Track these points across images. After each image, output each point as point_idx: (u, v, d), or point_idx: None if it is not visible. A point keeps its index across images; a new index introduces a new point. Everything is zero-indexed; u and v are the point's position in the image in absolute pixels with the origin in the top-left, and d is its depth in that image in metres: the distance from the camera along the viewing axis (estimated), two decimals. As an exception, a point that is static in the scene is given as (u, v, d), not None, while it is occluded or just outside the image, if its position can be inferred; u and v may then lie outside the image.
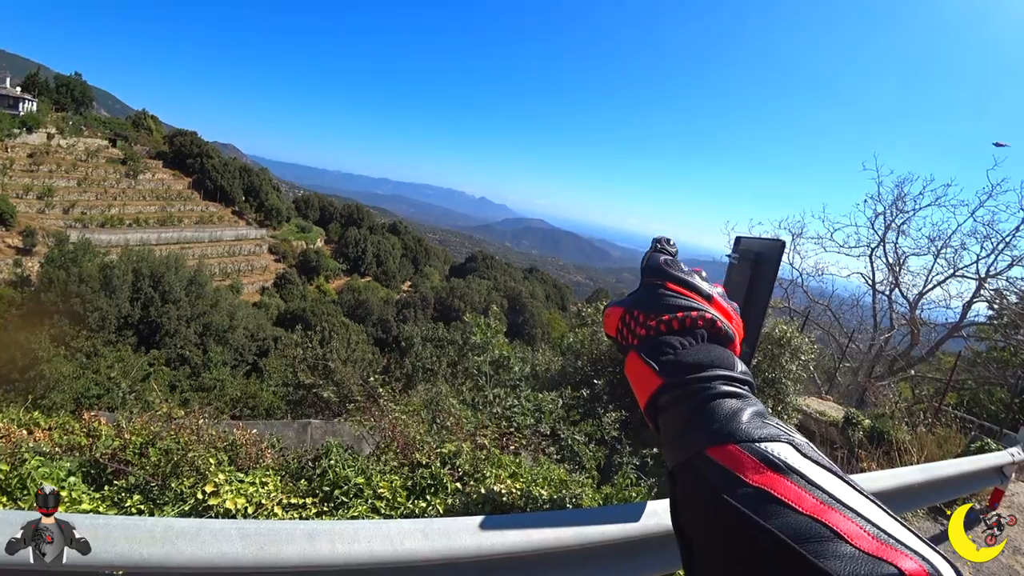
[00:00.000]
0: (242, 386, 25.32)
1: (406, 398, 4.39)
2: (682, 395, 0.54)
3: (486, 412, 4.20)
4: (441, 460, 2.95)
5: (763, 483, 0.43)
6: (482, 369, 5.18)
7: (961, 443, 7.56)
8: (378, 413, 3.54)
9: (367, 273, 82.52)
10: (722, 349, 0.58)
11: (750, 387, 0.55)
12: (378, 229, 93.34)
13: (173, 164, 74.04)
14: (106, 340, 31.19)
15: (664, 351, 0.57)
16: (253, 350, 38.56)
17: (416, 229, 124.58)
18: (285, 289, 66.55)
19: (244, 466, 3.35)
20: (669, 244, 0.69)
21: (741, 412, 0.50)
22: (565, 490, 2.87)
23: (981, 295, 15.12)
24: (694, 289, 0.61)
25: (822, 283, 17.60)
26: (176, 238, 62.09)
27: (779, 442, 0.46)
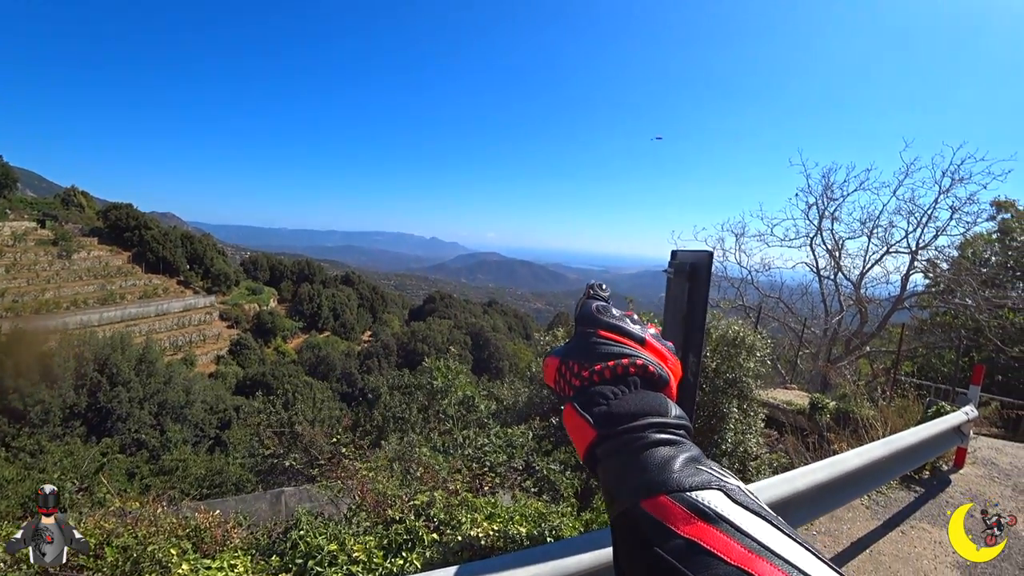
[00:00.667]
0: (206, 463, 24.09)
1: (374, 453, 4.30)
2: (616, 446, 0.54)
3: (457, 455, 4.15)
4: (415, 512, 2.89)
5: (693, 534, 0.43)
6: (448, 412, 5.11)
7: (919, 410, 7.86)
8: (345, 473, 3.45)
9: (325, 328, 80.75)
10: (655, 395, 0.58)
11: (686, 431, 0.56)
12: (331, 282, 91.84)
13: (110, 240, 71.20)
14: (52, 435, 29.25)
15: (597, 402, 0.57)
16: (214, 423, 36.94)
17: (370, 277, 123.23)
18: (242, 355, 64.30)
19: (210, 551, 3.19)
20: (602, 289, 0.69)
21: (673, 460, 0.50)
22: (544, 523, 2.85)
23: (916, 267, 16.09)
24: (626, 334, 0.62)
25: (771, 277, 18.32)
26: (120, 316, 59.35)
27: (710, 489, 0.47)
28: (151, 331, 57.30)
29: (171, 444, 30.44)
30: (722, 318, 6.70)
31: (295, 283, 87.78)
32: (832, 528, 5.16)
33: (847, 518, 5.40)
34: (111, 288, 64.01)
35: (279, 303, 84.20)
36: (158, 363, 38.23)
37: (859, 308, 16.68)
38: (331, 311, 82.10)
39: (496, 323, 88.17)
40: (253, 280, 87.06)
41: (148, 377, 35.84)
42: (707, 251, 2.35)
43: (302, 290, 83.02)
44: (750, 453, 6.38)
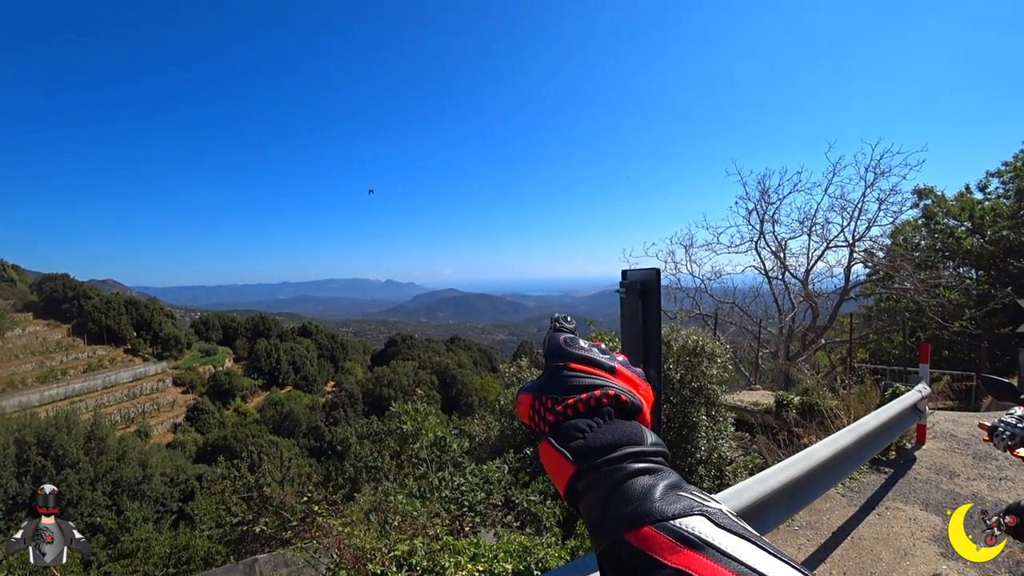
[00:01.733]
0: (171, 539, 22.59)
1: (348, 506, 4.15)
2: (595, 480, 0.54)
3: (435, 498, 4.05)
4: (396, 564, 2.79)
5: (680, 563, 0.43)
6: (420, 456, 5.00)
7: (878, 394, 8.16)
8: (319, 532, 3.30)
9: (286, 383, 78.07)
10: (630, 424, 0.58)
11: (664, 457, 0.56)
12: (288, 335, 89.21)
13: (45, 313, 67.46)
14: (-6, 530, 27.04)
15: (573, 436, 0.57)
16: (176, 496, 34.83)
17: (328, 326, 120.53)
18: (200, 420, 61.31)
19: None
20: (567, 321, 0.70)
21: (654, 489, 0.50)
22: (529, 556, 2.80)
23: (855, 259, 16.94)
24: (596, 364, 0.62)
25: (723, 283, 18.90)
26: (63, 393, 55.86)
27: (692, 515, 0.46)
28: (99, 405, 54.02)
29: (130, 524, 28.52)
30: (681, 329, 6.85)
31: (250, 340, 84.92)
32: (812, 520, 5.26)
33: (825, 508, 5.52)
34: (51, 364, 60.35)
35: (235, 362, 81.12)
36: (109, 439, 35.96)
37: (809, 303, 17.37)
38: (291, 365, 79.58)
39: (461, 359, 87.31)
40: (206, 341, 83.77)
41: (99, 455, 33.64)
42: (655, 269, 2.45)
43: (259, 346, 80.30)
44: (724, 458, 6.47)
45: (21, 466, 31.05)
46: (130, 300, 78.71)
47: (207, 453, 47.17)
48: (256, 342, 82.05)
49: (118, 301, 74.08)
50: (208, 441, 51.89)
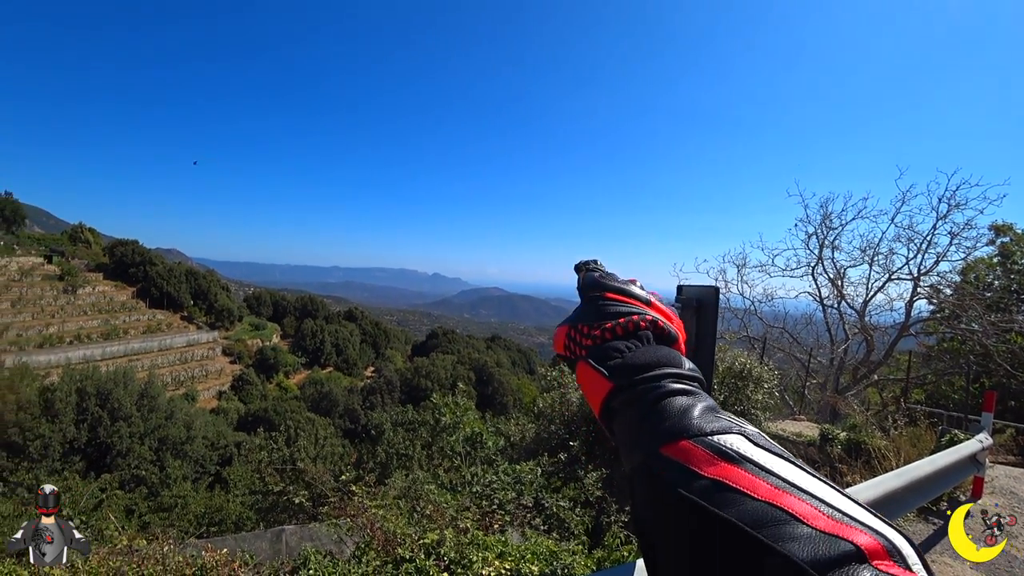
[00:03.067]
0: (206, 500, 23.70)
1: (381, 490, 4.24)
2: (633, 397, 0.54)
3: (465, 492, 4.09)
4: (425, 551, 2.84)
5: (718, 474, 0.43)
6: (456, 449, 5.05)
7: (932, 438, 7.74)
8: (353, 511, 3.40)
9: (328, 364, 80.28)
10: (668, 349, 0.59)
11: (700, 384, 0.56)
12: (334, 318, 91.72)
13: (115, 275, 71.65)
14: (50, 469, 28.85)
15: (611, 356, 0.58)
16: (215, 460, 36.38)
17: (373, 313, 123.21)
18: (244, 391, 63.78)
19: (216, 592, 3.13)
20: (596, 263, 0.72)
21: (692, 408, 0.50)
22: (555, 561, 2.80)
23: (919, 293, 16.07)
24: (632, 296, 0.64)
25: (774, 307, 18.31)
26: (123, 351, 59.21)
27: (731, 434, 0.47)
28: (154, 366, 57.04)
29: (171, 480, 29.98)
30: (728, 350, 6.68)
31: (298, 319, 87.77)
32: (849, 567, 5.03)
33: (864, 555, 5.27)
34: (115, 323, 64.07)
35: (282, 339, 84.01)
36: (160, 398, 37.92)
37: (865, 336, 16.61)
38: (334, 347, 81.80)
39: (500, 358, 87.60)
40: (256, 316, 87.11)
41: (149, 412, 35.51)
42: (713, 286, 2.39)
43: (305, 326, 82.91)
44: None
45: (80, 414, 33.11)
46: (190, 270, 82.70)
47: (247, 422, 49.03)
48: (303, 321, 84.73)
49: (179, 270, 77.96)
50: (249, 411, 53.91)
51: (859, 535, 0.37)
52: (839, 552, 0.36)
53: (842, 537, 0.37)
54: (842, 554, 0.36)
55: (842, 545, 0.36)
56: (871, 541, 0.37)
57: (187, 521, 18.75)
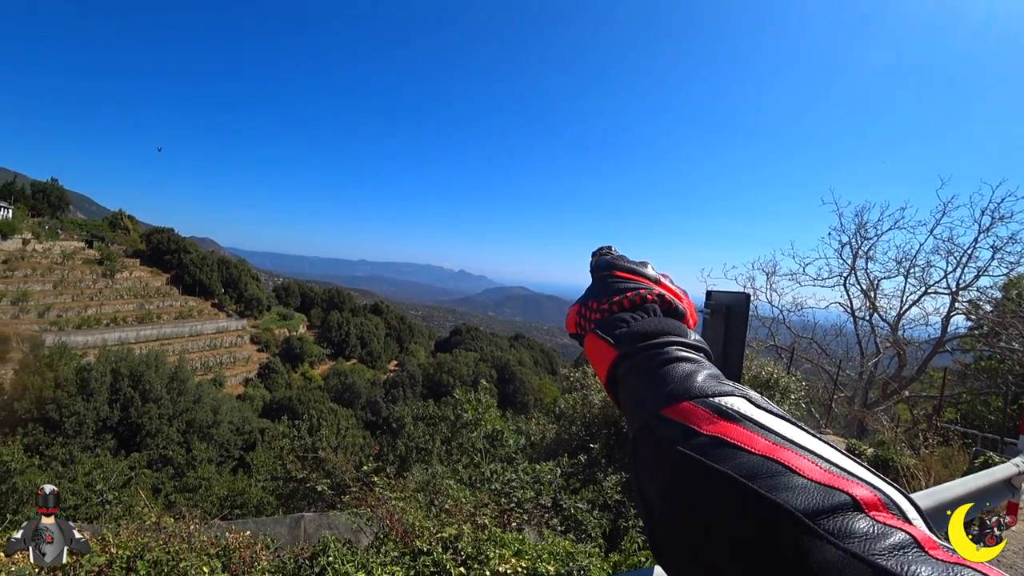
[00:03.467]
0: (229, 483, 24.26)
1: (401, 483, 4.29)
2: (637, 362, 0.56)
3: (484, 489, 4.11)
4: (443, 545, 2.86)
5: (716, 431, 0.44)
6: (476, 445, 5.07)
7: (965, 460, 7.49)
8: (374, 502, 3.44)
9: (352, 356, 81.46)
10: (674, 320, 0.60)
11: (705, 354, 0.57)
12: (360, 311, 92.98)
13: (151, 262, 73.93)
14: (83, 445, 29.92)
15: (618, 325, 0.60)
16: (239, 444, 37.27)
17: (398, 307, 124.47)
18: (269, 379, 65.14)
19: (238, 571, 3.20)
20: (610, 249, 0.74)
21: (696, 373, 0.51)
22: (572, 562, 2.79)
23: (957, 308, 15.49)
24: (642, 274, 0.66)
25: (803, 317, 17.87)
26: (155, 335, 61.05)
27: (733, 396, 0.48)
28: (184, 351, 58.67)
29: (196, 462, 30.78)
30: (754, 358, 6.56)
31: (325, 310, 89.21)
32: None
33: (888, 577, 5.12)
34: (149, 308, 66.05)
35: (308, 329, 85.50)
36: (189, 382, 39.00)
37: (897, 350, 16.12)
38: (359, 339, 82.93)
39: (522, 357, 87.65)
40: (284, 306, 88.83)
41: (179, 395, 36.55)
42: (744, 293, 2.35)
43: (331, 317, 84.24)
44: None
45: (113, 394, 34.25)
46: (222, 259, 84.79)
47: (271, 410, 50.04)
48: (330, 313, 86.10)
49: (212, 259, 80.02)
50: (274, 399, 55.02)
51: (856, 487, 0.38)
52: (834, 502, 0.36)
53: (838, 488, 0.37)
54: (837, 503, 0.36)
55: (838, 496, 0.37)
56: (868, 494, 0.37)
57: (210, 502, 19.21)
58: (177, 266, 74.14)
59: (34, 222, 64.29)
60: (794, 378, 6.25)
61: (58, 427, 30.19)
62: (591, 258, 0.75)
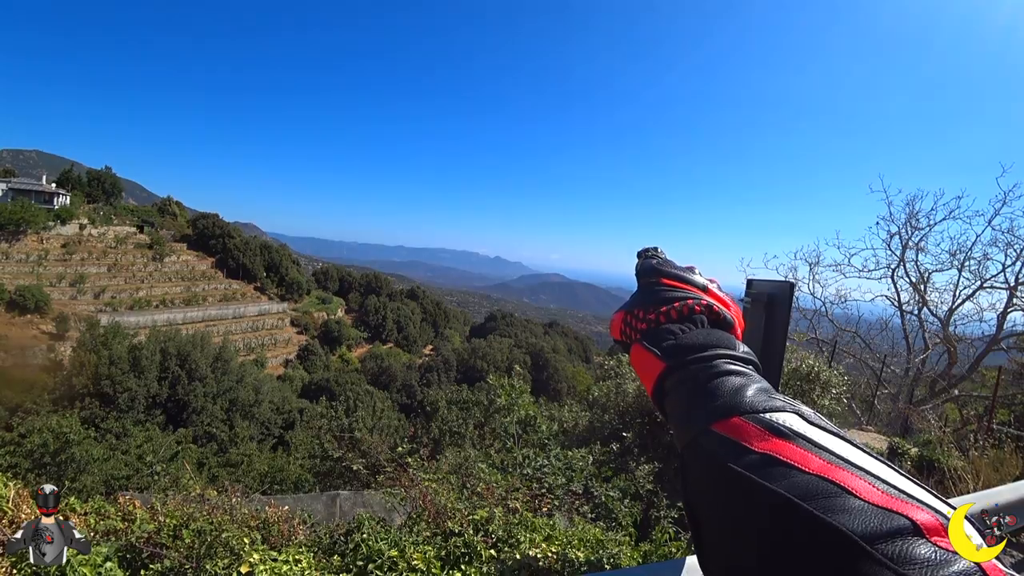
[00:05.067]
0: (269, 460, 25.16)
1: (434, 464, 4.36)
2: (686, 376, 0.55)
3: (516, 474, 4.14)
4: (474, 527, 2.90)
5: (769, 448, 0.43)
6: (509, 430, 5.11)
7: (1019, 464, 7.17)
8: (408, 482, 3.51)
9: (388, 339, 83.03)
10: (722, 332, 0.59)
11: (754, 367, 0.56)
12: (397, 295, 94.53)
13: (197, 246, 76.76)
14: (135, 420, 31.51)
15: (665, 338, 0.59)
16: (279, 423, 38.57)
17: (434, 293, 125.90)
18: (308, 361, 67.04)
19: (277, 544, 3.32)
20: (656, 251, 0.73)
21: (745, 388, 0.50)
22: (602, 550, 2.79)
23: (1015, 304, 14.64)
24: (688, 282, 0.65)
25: (847, 310, 17.22)
26: (201, 316, 63.53)
27: (785, 412, 0.47)
28: (228, 332, 60.90)
29: (238, 439, 32.01)
30: (795, 351, 6.39)
31: (362, 295, 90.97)
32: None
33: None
34: (195, 290, 68.70)
35: (346, 313, 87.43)
36: (232, 362, 40.48)
37: (947, 347, 15.40)
38: (395, 323, 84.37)
39: (556, 344, 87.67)
40: (323, 290, 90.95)
41: (222, 375, 38.00)
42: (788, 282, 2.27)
43: (369, 302, 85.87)
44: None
45: (162, 372, 35.88)
46: (264, 244, 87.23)
47: (310, 391, 51.49)
48: (367, 298, 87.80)
49: (255, 244, 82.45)
50: (313, 380, 56.61)
51: (917, 511, 0.36)
52: (894, 526, 0.35)
53: (897, 511, 0.36)
54: (897, 528, 0.35)
55: (897, 520, 0.36)
56: (930, 518, 0.36)
57: (251, 478, 19.95)
58: (221, 250, 76.69)
59: (89, 208, 67.51)
60: (835, 373, 6.05)
61: (112, 402, 31.85)
62: (637, 259, 0.74)
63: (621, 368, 6.91)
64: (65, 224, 61.57)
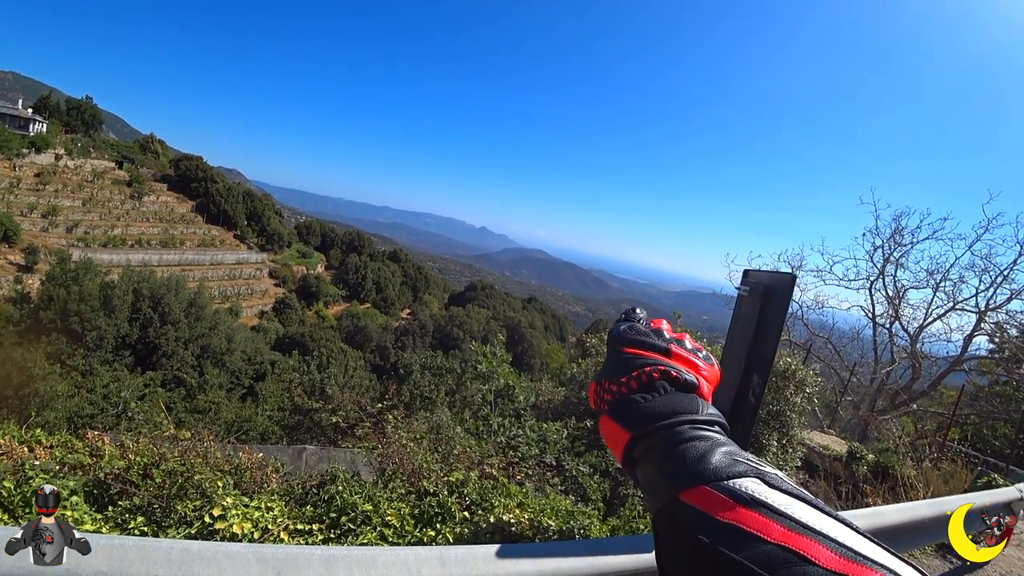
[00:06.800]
0: (237, 409, 25.05)
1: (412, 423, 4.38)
2: (651, 445, 0.56)
3: (490, 441, 4.18)
4: (449, 489, 2.93)
5: (733, 518, 0.44)
6: (487, 398, 5.16)
7: (967, 479, 7.49)
8: (384, 440, 3.51)
9: (366, 300, 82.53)
10: (686, 396, 0.60)
11: (721, 427, 0.58)
12: (378, 256, 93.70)
13: (178, 188, 74.77)
14: (102, 359, 30.98)
15: (629, 407, 0.60)
16: (250, 374, 38.27)
17: (416, 257, 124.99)
18: (284, 314, 66.42)
19: (249, 490, 3.32)
20: (634, 312, 0.73)
21: (710, 453, 0.52)
22: (573, 521, 2.84)
23: (982, 328, 15.11)
24: (650, 347, 0.65)
25: (822, 316, 17.56)
26: (177, 260, 62.27)
27: (747, 477, 0.48)
28: (204, 278, 59.84)
29: (207, 386, 31.72)
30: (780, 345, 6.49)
31: (344, 252, 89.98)
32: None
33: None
34: (173, 233, 67.18)
35: (326, 269, 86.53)
36: (206, 309, 39.90)
37: (912, 362, 15.85)
38: (375, 284, 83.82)
39: (534, 320, 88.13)
40: (305, 244, 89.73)
41: (196, 321, 37.45)
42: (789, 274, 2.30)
43: (350, 260, 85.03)
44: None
45: (134, 313, 35.21)
46: (248, 192, 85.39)
47: (284, 344, 51.14)
48: (349, 256, 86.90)
49: (238, 191, 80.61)
50: (287, 333, 56.18)
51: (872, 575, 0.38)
52: None
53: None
54: None
55: None
56: None
57: (218, 426, 19.85)
58: (203, 195, 74.89)
59: (67, 139, 65.11)
60: (811, 372, 6.20)
61: (80, 339, 31.21)
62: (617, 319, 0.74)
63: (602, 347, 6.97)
64: (40, 152, 59.33)
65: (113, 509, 2.93)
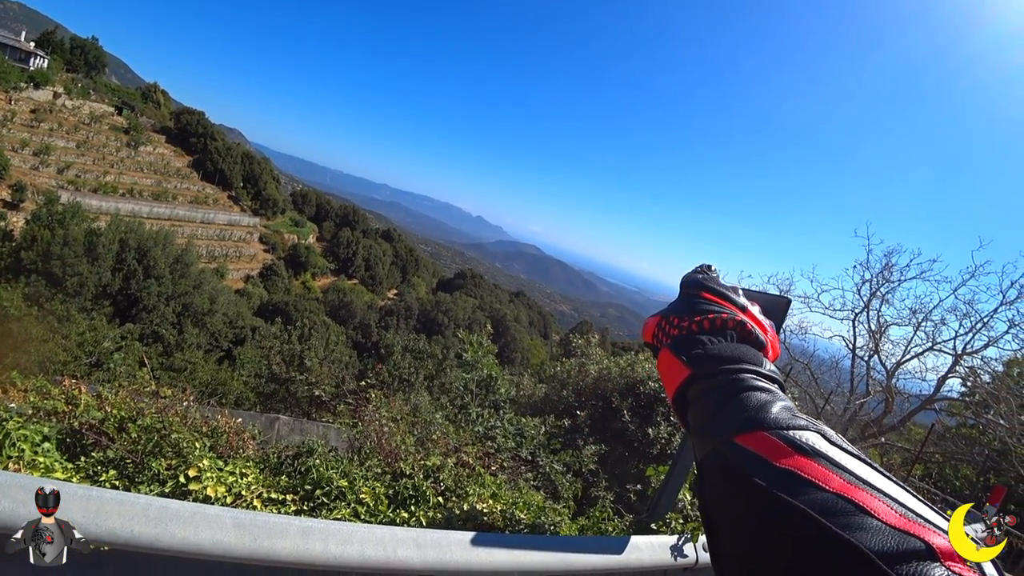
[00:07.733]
0: (213, 372, 24.87)
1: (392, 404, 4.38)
2: (711, 386, 0.56)
3: (468, 430, 4.20)
4: (425, 473, 2.95)
5: (791, 465, 0.44)
6: (469, 387, 5.18)
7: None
8: (364, 418, 3.52)
9: (355, 276, 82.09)
10: (751, 348, 0.61)
11: (779, 385, 0.57)
12: (371, 233, 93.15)
13: (176, 141, 73.59)
14: (81, 307, 30.48)
15: (694, 346, 0.60)
16: (229, 337, 37.95)
17: (409, 238, 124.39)
18: (270, 280, 65.90)
19: (224, 454, 3.31)
20: (710, 267, 0.73)
21: (770, 404, 0.51)
22: (544, 516, 2.87)
23: (956, 371, 15.35)
24: (728, 299, 0.65)
25: (804, 342, 17.77)
26: (168, 214, 61.40)
27: (808, 431, 0.48)
28: (193, 236, 59.08)
29: (185, 345, 31.43)
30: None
31: (337, 225, 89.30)
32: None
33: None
34: (166, 186, 66.18)
35: (318, 240, 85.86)
36: (192, 267, 39.43)
37: (886, 396, 16.12)
38: (364, 261, 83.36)
39: (519, 314, 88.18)
40: (299, 212, 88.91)
41: (180, 278, 37.00)
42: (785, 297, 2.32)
43: (342, 234, 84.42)
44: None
45: (118, 263, 34.70)
46: (247, 153, 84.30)
47: (267, 311, 50.70)
48: (342, 229, 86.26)
49: (237, 151, 79.53)
50: (271, 301, 55.73)
51: (933, 536, 0.38)
52: (910, 548, 0.36)
53: (914, 535, 0.38)
54: (913, 550, 0.36)
55: (913, 542, 0.37)
56: (945, 543, 0.37)
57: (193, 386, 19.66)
58: (201, 151, 73.81)
59: (67, 77, 63.69)
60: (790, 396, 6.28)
61: (60, 284, 30.68)
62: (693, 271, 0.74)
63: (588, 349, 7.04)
64: (39, 89, 58.00)
65: (85, 460, 2.90)
